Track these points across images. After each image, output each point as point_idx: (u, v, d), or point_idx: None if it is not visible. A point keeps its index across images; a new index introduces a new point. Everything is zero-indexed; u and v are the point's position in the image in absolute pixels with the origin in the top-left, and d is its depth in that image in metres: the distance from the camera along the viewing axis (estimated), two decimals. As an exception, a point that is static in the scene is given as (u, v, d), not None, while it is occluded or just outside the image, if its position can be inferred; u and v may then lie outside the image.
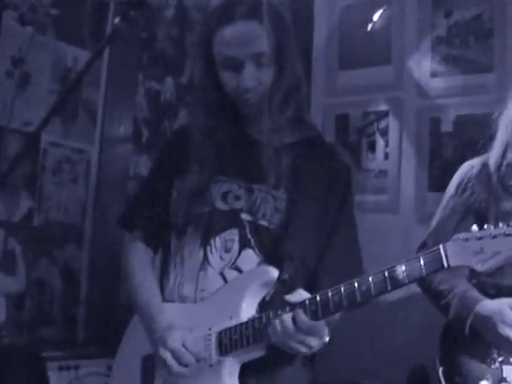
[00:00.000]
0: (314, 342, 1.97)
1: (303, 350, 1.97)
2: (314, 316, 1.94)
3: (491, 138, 2.80)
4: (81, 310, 3.61)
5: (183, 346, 2.08)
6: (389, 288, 1.89)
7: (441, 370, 2.69)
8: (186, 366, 2.08)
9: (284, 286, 2.08)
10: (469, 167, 2.83)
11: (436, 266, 1.88)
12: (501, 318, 2.50)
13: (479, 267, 1.86)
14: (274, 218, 2.15)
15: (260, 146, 2.17)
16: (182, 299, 2.19)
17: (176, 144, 2.35)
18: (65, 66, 3.52)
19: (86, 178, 3.69)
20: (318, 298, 1.95)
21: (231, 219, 2.18)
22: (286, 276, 2.09)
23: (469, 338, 2.59)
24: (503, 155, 2.71)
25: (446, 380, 2.67)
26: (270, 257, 2.13)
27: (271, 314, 2.00)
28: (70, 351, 3.28)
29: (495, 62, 4.15)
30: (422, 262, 1.88)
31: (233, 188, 2.20)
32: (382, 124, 4.44)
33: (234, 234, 2.16)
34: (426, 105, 4.34)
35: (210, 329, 2.10)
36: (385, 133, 4.42)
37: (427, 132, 4.30)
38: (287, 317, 1.95)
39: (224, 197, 2.20)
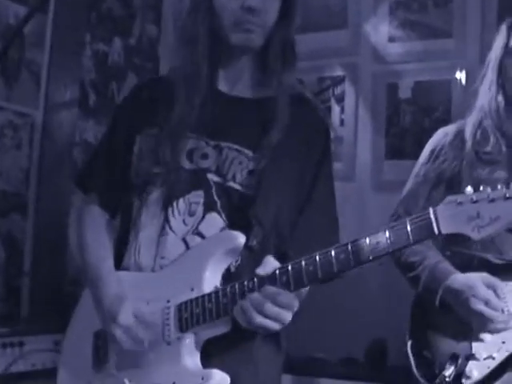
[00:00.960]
0: (288, 316, 1.79)
1: (275, 326, 1.78)
2: (286, 288, 1.77)
3: (469, 105, 2.71)
4: (25, 283, 3.43)
5: (136, 319, 1.91)
6: (370, 257, 1.72)
7: (409, 343, 2.61)
8: (139, 342, 1.91)
9: (252, 253, 1.92)
10: (442, 134, 2.74)
11: (425, 232, 1.70)
12: (472, 293, 2.39)
13: (475, 235, 1.68)
14: (245, 180, 1.97)
15: (233, 102, 2.04)
16: (139, 267, 2.01)
17: (139, 98, 2.16)
18: (6, 22, 3.31)
19: (29, 144, 3.48)
20: (289, 267, 1.78)
21: (197, 180, 1.99)
22: (254, 242, 1.91)
23: (439, 313, 2.51)
24: (480, 122, 2.63)
25: (413, 354, 2.59)
26: (236, 221, 1.94)
27: (237, 287, 1.82)
28: (13, 327, 3.11)
29: (454, 27, 4.12)
30: (408, 228, 1.70)
31: (199, 145, 2.02)
32: (338, 90, 4.33)
33: (199, 197, 1.98)
34: (384, 70, 4.27)
35: (168, 301, 1.92)
36: (340, 99, 4.31)
37: (384, 98, 4.25)
38: (255, 296, 1.77)
39: (189, 155, 2.02)
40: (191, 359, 1.89)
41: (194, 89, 2.02)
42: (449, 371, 2.42)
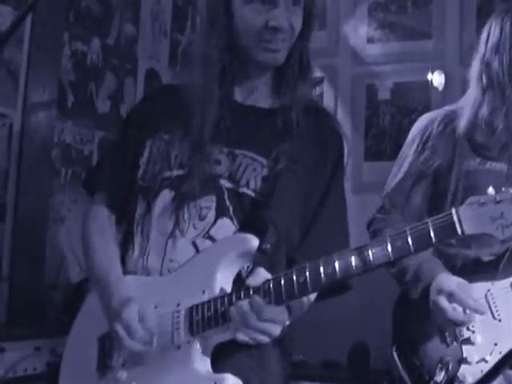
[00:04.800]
0: (276, 330, 1.77)
1: (263, 339, 1.77)
2: (277, 299, 1.75)
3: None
4: (3, 288, 3.35)
5: (140, 320, 1.86)
6: (391, 258, 1.70)
7: (394, 348, 2.57)
8: (137, 341, 1.86)
9: (264, 257, 1.88)
10: (429, 121, 2.68)
11: (448, 233, 1.68)
12: (437, 287, 2.38)
13: (499, 234, 1.65)
14: (258, 186, 1.95)
15: (248, 111, 2.04)
16: (147, 271, 1.98)
17: (151, 104, 2.17)
18: (-14, 22, 3.25)
19: (7, 145, 3.40)
20: (282, 279, 1.76)
21: (208, 185, 1.97)
22: (267, 245, 1.87)
23: (424, 314, 2.47)
24: (476, 112, 2.57)
25: (400, 360, 2.54)
26: (249, 226, 1.91)
27: (243, 292, 1.79)
28: (-8, 333, 3.05)
29: (433, 28, 4.16)
30: (430, 229, 1.68)
31: (212, 151, 2.00)
32: (317, 91, 4.33)
33: (210, 201, 1.96)
34: (362, 72, 4.30)
35: (178, 304, 1.88)
36: (319, 100, 4.26)
37: (363, 100, 4.27)
38: (244, 303, 1.75)
39: None
40: (202, 363, 1.84)
41: (210, 103, 2.01)
42: (440, 377, 2.40)
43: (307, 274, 1.74)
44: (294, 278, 1.75)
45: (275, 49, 1.97)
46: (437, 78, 4.03)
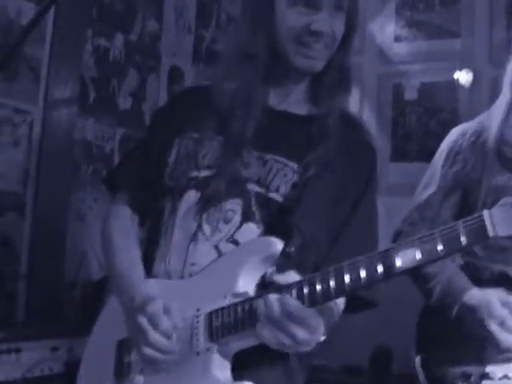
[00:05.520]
0: (303, 335, 1.67)
1: (288, 342, 1.67)
2: (311, 301, 1.68)
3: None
4: (21, 286, 3.33)
5: (165, 312, 1.80)
6: (422, 261, 1.63)
7: (418, 359, 2.54)
8: (162, 334, 1.79)
9: (289, 262, 1.81)
10: (460, 134, 2.60)
11: (480, 235, 1.60)
12: (488, 312, 2.29)
13: None
14: (288, 192, 1.90)
15: (281, 116, 2.00)
16: (168, 274, 1.93)
17: (181, 103, 2.14)
18: (7, 18, 3.21)
19: (28, 142, 3.37)
20: (317, 279, 1.69)
21: (235, 188, 1.92)
22: (292, 249, 1.80)
23: (450, 327, 2.43)
24: (506, 119, 2.49)
25: (423, 371, 2.51)
26: (274, 230, 1.86)
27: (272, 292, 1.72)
28: (9, 332, 3.00)
29: (462, 27, 4.08)
30: (461, 231, 1.60)
31: (243, 154, 1.95)
32: (342, 90, 4.25)
33: (236, 204, 1.91)
34: (389, 71, 4.25)
35: (198, 309, 1.83)
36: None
37: (390, 99, 4.22)
38: (273, 297, 1.67)
39: None
40: (221, 371, 1.78)
41: (248, 106, 1.97)
42: (461, 391, 2.34)
43: (331, 279, 1.68)
44: (317, 282, 1.69)
45: (314, 56, 1.93)
46: (464, 77, 3.97)
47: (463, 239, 1.60)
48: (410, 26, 4.19)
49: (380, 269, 1.64)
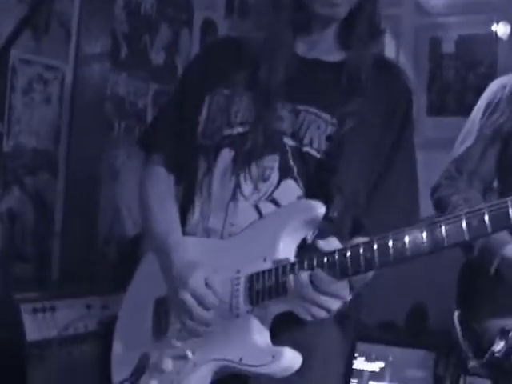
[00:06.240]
0: (335, 305, 1.66)
1: (321, 314, 1.67)
2: (342, 274, 1.64)
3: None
4: (55, 245, 3.34)
5: (207, 285, 1.79)
6: (445, 244, 1.57)
7: (457, 313, 2.53)
8: (208, 309, 1.79)
9: (331, 225, 1.78)
10: (499, 86, 2.56)
11: (503, 222, 1.54)
12: None
13: None
14: (322, 145, 1.84)
15: (312, 64, 1.93)
16: (207, 233, 1.91)
17: (210, 57, 2.09)
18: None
19: (59, 99, 3.35)
20: (348, 252, 1.65)
21: (271, 143, 1.87)
22: (334, 213, 1.77)
23: (490, 283, 2.40)
24: None
25: (461, 326, 2.50)
26: (314, 190, 1.82)
27: (315, 260, 1.69)
28: (44, 291, 3.01)
29: (500, -21, 3.95)
30: (486, 217, 1.54)
31: (275, 107, 1.89)
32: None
33: (273, 161, 1.86)
34: (426, 23, 4.17)
35: (238, 271, 1.80)
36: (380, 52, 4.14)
37: (427, 52, 4.15)
38: (304, 274, 1.66)
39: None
40: (260, 335, 1.76)
41: (277, 54, 1.92)
42: (499, 346, 2.33)
43: (375, 248, 1.63)
44: (361, 252, 1.64)
45: (334, 2, 1.86)
46: (502, 29, 3.87)
47: (488, 225, 1.55)
48: (448, -22, 4.09)
49: (425, 241, 1.58)
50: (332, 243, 1.71)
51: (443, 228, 1.58)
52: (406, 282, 3.70)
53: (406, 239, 1.60)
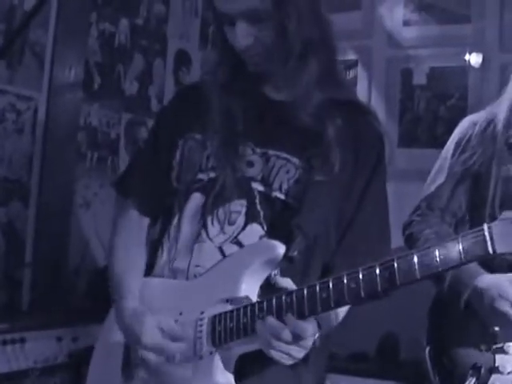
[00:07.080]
0: (298, 354, 1.68)
1: (286, 361, 1.68)
2: (300, 313, 1.65)
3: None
4: (26, 274, 3.31)
5: (163, 333, 1.80)
6: (418, 277, 1.56)
7: (428, 349, 2.51)
8: (169, 357, 1.80)
9: (292, 265, 1.78)
10: (470, 123, 2.56)
11: (478, 251, 1.52)
12: (498, 292, 2.28)
13: None
14: (291, 189, 1.85)
15: (279, 107, 1.91)
16: (174, 274, 1.91)
17: (183, 102, 2.09)
18: (9, 2, 3.17)
19: (32, 129, 3.34)
20: (305, 292, 1.66)
21: (240, 188, 1.88)
22: (294, 253, 1.77)
23: (461, 317, 2.40)
24: None
25: (431, 360, 2.49)
26: (277, 231, 1.82)
27: (274, 301, 1.69)
28: (14, 322, 2.99)
29: (472, 11, 4.01)
30: (460, 247, 1.53)
31: (245, 153, 1.90)
32: (350, 74, 4.23)
33: (241, 206, 1.87)
34: (398, 55, 4.20)
35: (202, 312, 1.80)
36: (353, 84, 4.15)
37: (398, 84, 4.18)
38: (271, 320, 1.66)
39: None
40: (223, 376, 1.76)
41: (237, 96, 1.94)
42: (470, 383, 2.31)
43: (330, 288, 1.63)
44: (318, 291, 1.64)
45: (255, 62, 1.88)
46: (473, 62, 3.91)
47: (462, 254, 1.53)
48: (420, 9, 4.12)
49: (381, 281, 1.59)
50: (286, 284, 1.73)
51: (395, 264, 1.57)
52: (377, 313, 3.69)
53: (360, 276, 1.60)
